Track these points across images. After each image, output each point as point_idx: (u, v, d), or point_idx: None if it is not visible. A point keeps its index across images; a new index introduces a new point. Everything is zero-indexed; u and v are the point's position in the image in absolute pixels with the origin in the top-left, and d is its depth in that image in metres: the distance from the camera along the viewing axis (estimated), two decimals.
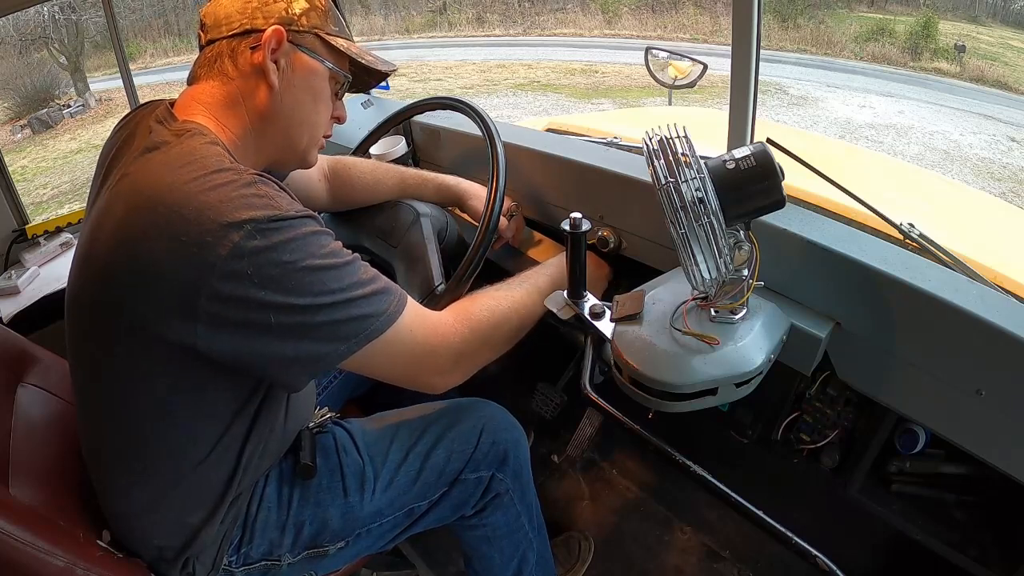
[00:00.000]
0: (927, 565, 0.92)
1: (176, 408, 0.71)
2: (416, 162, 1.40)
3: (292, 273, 0.64)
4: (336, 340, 0.68)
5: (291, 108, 0.77)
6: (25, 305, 1.47)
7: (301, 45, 0.76)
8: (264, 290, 0.63)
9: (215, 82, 0.75)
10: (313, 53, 0.77)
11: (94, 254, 0.67)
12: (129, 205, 0.64)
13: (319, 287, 0.66)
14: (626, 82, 9.49)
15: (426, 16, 13.87)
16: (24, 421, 0.84)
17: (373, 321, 0.70)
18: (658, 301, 0.78)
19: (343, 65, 0.81)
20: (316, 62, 0.77)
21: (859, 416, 0.94)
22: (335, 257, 0.68)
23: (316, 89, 0.79)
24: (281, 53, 0.74)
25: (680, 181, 0.63)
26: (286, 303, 0.64)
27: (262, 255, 0.62)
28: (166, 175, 0.64)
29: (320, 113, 0.81)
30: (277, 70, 0.74)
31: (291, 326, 0.65)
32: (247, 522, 0.83)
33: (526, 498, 1.00)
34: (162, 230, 0.62)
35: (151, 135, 0.69)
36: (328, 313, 0.67)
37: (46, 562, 0.65)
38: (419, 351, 0.76)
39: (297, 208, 0.67)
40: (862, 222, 1.13)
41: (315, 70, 0.78)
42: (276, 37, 0.73)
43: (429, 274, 0.98)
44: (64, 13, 10.14)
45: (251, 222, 0.62)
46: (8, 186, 1.63)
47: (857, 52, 10.34)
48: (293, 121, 0.78)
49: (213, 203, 0.62)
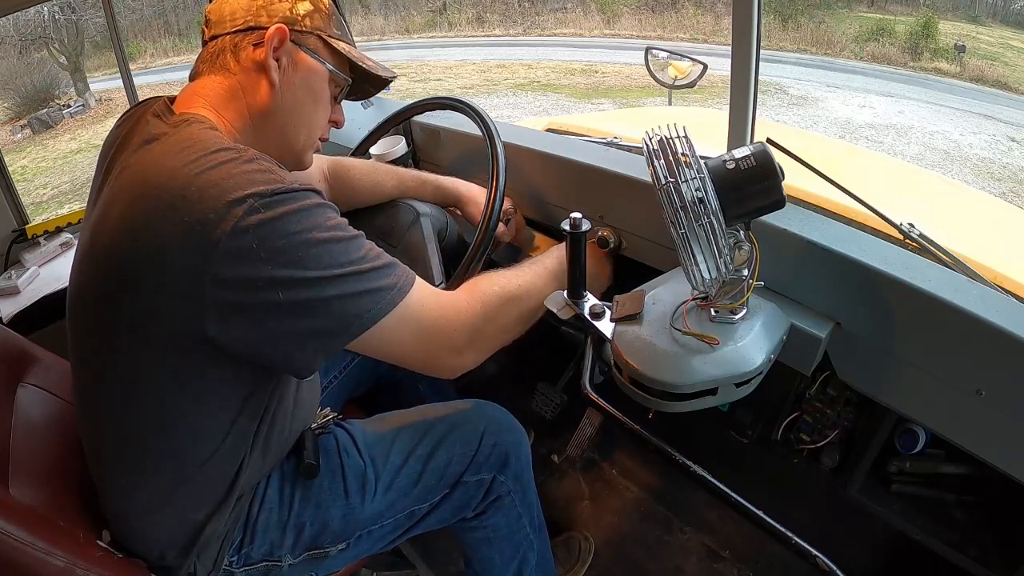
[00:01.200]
0: (927, 565, 0.92)
1: (179, 407, 0.70)
2: (416, 162, 1.40)
3: (299, 245, 0.63)
4: (348, 315, 0.67)
5: (290, 106, 0.77)
6: (25, 305, 1.47)
7: (303, 45, 0.76)
8: (271, 264, 0.62)
9: (217, 76, 0.75)
10: (315, 54, 0.78)
11: (96, 250, 0.66)
12: (131, 195, 0.64)
13: (327, 260, 0.65)
14: (626, 82, 9.49)
15: (426, 16, 13.87)
16: (24, 421, 0.83)
17: (385, 294, 0.69)
18: (658, 301, 0.78)
19: (343, 68, 0.81)
20: (317, 63, 0.78)
21: (859, 416, 0.94)
22: (341, 230, 0.67)
23: (316, 90, 0.79)
24: (283, 51, 0.74)
25: (680, 181, 0.63)
26: (294, 277, 0.63)
27: (266, 226, 0.61)
28: (166, 161, 0.64)
29: (318, 114, 0.81)
30: (279, 68, 0.74)
31: (301, 302, 0.64)
32: (248, 522, 0.83)
33: (527, 500, 1.00)
34: (165, 214, 0.61)
35: (149, 128, 0.69)
36: (338, 286, 0.65)
37: (46, 562, 0.65)
38: (433, 327, 0.75)
39: (301, 181, 0.67)
40: (862, 222, 1.13)
41: (316, 71, 0.78)
42: (279, 35, 0.73)
43: (429, 274, 0.98)
44: (64, 13, 10.14)
45: (254, 196, 0.61)
46: (8, 186, 1.63)
47: (857, 52, 10.34)
48: (291, 120, 0.78)
49: (215, 181, 0.62)
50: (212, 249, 0.60)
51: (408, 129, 1.38)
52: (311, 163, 0.86)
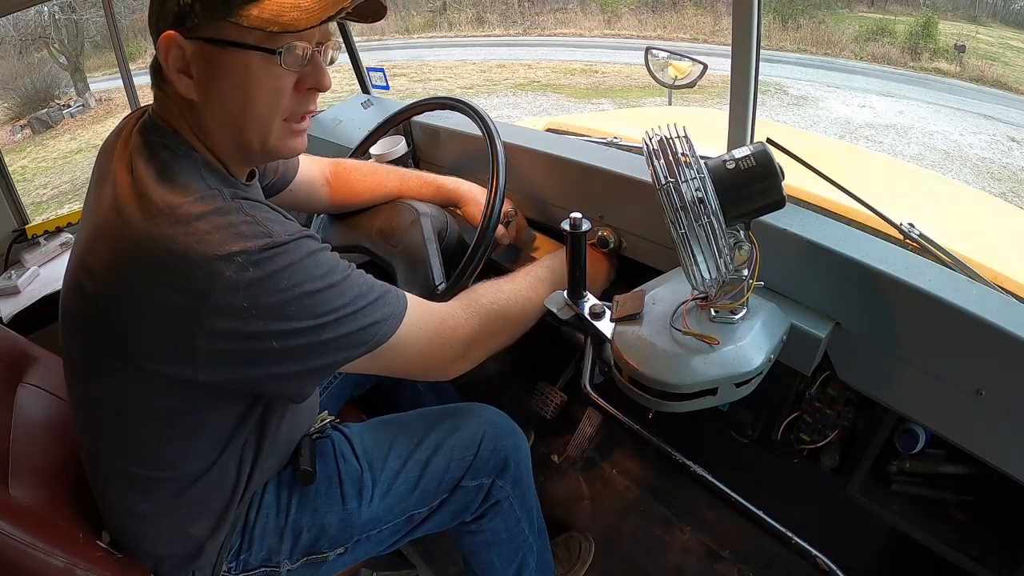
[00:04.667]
0: (927, 565, 0.92)
1: (175, 427, 0.70)
2: (416, 162, 1.40)
3: (291, 300, 0.63)
4: (346, 349, 0.68)
5: (222, 113, 0.67)
6: (25, 305, 1.47)
7: (207, 39, 0.63)
8: (263, 319, 0.62)
9: (161, 91, 0.69)
10: (222, 43, 0.63)
11: (86, 278, 0.65)
12: (117, 236, 0.63)
13: (321, 308, 0.65)
14: (626, 82, 9.48)
15: (426, 16, 13.85)
16: (24, 421, 0.84)
17: (380, 326, 0.70)
18: (658, 301, 0.78)
19: (267, 38, 0.63)
20: (229, 52, 0.63)
21: (859, 416, 0.94)
22: (334, 275, 0.67)
23: (243, 81, 0.65)
24: (190, 57, 0.64)
25: (680, 181, 0.63)
26: (287, 328, 0.63)
27: (257, 285, 0.61)
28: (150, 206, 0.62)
29: (260, 103, 0.66)
30: (190, 76, 0.65)
31: (298, 347, 0.65)
32: (246, 528, 0.83)
33: (526, 503, 0.99)
34: (152, 267, 0.60)
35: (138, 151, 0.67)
36: (334, 328, 0.66)
37: (46, 562, 0.65)
38: (431, 345, 0.76)
39: (289, 230, 0.65)
40: (862, 222, 1.13)
41: (231, 61, 0.64)
42: (169, 43, 0.63)
43: (429, 274, 0.98)
44: (64, 13, 10.13)
45: (242, 254, 0.60)
46: (8, 186, 1.63)
47: (857, 52, 10.33)
48: (230, 125, 0.68)
49: (200, 236, 0.60)
50: (202, 308, 0.60)
51: (408, 129, 1.38)
52: (296, 148, 0.73)
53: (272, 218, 0.66)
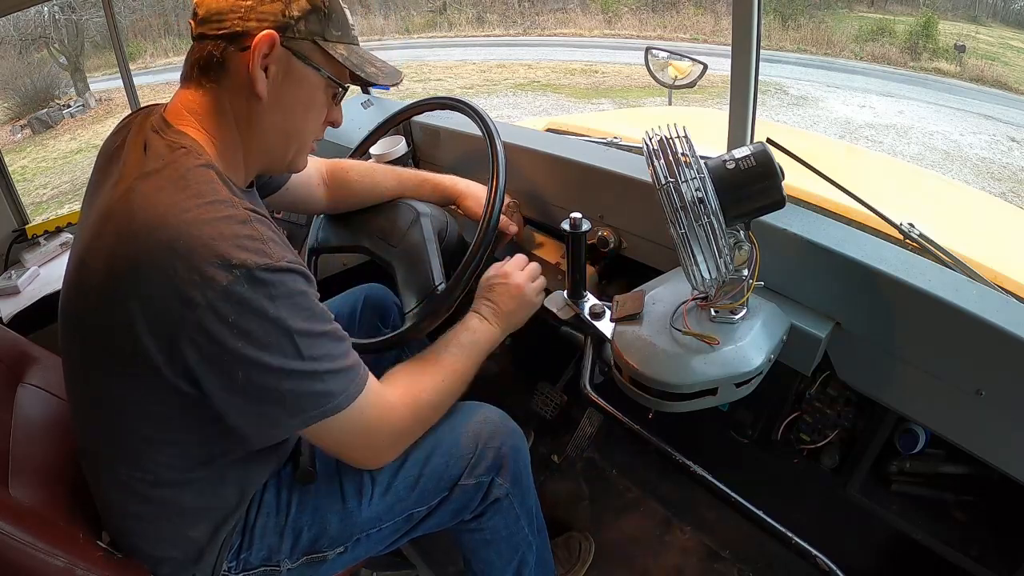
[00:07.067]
0: (927, 565, 0.92)
1: (173, 429, 0.70)
2: (416, 162, 1.40)
3: (271, 331, 0.63)
4: (296, 412, 0.68)
5: (280, 119, 0.74)
6: (25, 305, 1.47)
7: (296, 52, 0.71)
8: (240, 341, 0.62)
9: (202, 89, 0.71)
10: (309, 61, 0.72)
11: (86, 277, 0.66)
12: (122, 234, 0.63)
13: (292, 352, 0.65)
14: (626, 82, 9.48)
15: (426, 16, 13.85)
16: (24, 421, 0.83)
17: (333, 399, 0.70)
18: (658, 301, 0.78)
19: (342, 74, 0.76)
20: (311, 71, 0.73)
21: (859, 416, 0.94)
22: (316, 322, 0.67)
23: (308, 99, 0.75)
24: (273, 60, 0.70)
25: (680, 181, 0.64)
26: (258, 360, 0.63)
27: (246, 303, 0.62)
28: (159, 205, 0.63)
29: (310, 122, 0.77)
30: (267, 78, 0.70)
31: (257, 387, 0.65)
32: (246, 527, 0.83)
33: (526, 502, 0.99)
34: (154, 263, 0.61)
35: (147, 151, 0.68)
36: (296, 382, 0.66)
37: (46, 562, 0.65)
38: (363, 432, 0.76)
39: (289, 258, 0.66)
40: (862, 222, 1.13)
41: (309, 79, 0.73)
42: (268, 42, 0.68)
43: (429, 274, 0.98)
44: (64, 13, 10.14)
45: (242, 267, 0.61)
46: (8, 186, 1.63)
47: (857, 52, 10.33)
48: (280, 132, 0.75)
49: (205, 240, 0.61)
50: (197, 306, 0.61)
51: (408, 129, 1.38)
52: (305, 165, 0.83)
53: (275, 239, 0.67)
